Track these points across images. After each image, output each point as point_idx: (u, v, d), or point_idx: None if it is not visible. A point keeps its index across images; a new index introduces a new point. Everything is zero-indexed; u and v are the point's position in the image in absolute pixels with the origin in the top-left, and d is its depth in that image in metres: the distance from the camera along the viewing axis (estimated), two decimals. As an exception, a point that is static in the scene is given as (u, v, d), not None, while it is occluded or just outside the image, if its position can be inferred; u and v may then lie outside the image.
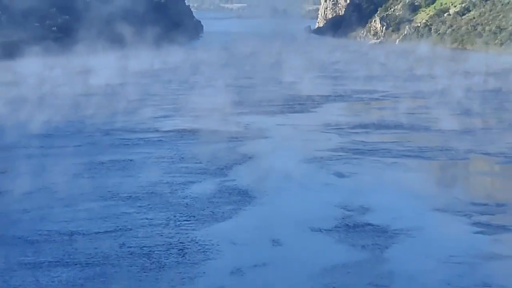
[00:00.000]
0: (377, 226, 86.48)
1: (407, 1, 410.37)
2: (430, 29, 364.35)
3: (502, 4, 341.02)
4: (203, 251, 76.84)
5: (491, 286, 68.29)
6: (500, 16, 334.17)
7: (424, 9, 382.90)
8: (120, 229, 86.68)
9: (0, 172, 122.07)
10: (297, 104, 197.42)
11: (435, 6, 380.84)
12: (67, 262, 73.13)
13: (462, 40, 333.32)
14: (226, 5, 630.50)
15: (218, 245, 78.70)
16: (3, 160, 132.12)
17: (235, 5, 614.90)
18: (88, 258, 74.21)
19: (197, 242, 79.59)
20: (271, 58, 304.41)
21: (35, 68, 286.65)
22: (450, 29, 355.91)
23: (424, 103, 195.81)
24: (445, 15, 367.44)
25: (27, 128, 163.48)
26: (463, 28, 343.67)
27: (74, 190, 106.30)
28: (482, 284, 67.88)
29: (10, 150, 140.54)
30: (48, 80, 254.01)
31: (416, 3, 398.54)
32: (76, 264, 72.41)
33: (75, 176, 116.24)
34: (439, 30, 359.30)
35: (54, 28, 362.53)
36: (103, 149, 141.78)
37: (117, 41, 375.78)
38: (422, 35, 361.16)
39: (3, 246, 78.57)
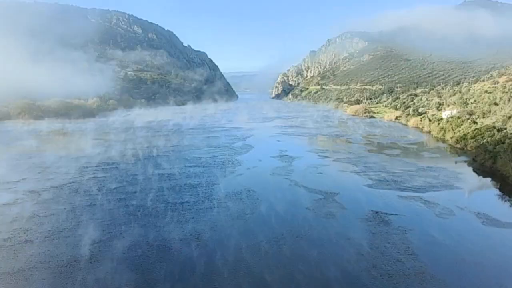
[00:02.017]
0: (290, 155, 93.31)
1: (299, 88, 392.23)
2: (306, 97, 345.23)
3: (328, 90, 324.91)
4: (238, 162, 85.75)
5: (322, 173, 76.67)
6: (326, 94, 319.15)
7: (305, 93, 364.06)
8: (212, 156, 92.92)
9: (180, 139, 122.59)
10: (266, 119, 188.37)
11: (308, 91, 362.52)
12: (195, 164, 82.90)
13: (315, 101, 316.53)
14: (245, 89, 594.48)
15: (242, 161, 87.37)
16: (179, 137, 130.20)
17: (247, 89, 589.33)
18: (202, 164, 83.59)
19: (236, 159, 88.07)
20: (259, 106, 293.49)
21: (192, 108, 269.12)
22: (311, 97, 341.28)
23: (303, 119, 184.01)
24: (311, 93, 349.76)
25: (185, 126, 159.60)
26: (316, 97, 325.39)
27: (199, 144, 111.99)
28: (318, 172, 76.08)
29: (179, 134, 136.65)
30: (192, 112, 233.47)
31: (302, 90, 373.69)
32: (198, 166, 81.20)
33: (200, 140, 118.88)
34: (308, 97, 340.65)
35: (182, 99, 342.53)
36: (208, 132, 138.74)
37: (213, 100, 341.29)
38: (303, 99, 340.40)
39: (176, 160, 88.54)
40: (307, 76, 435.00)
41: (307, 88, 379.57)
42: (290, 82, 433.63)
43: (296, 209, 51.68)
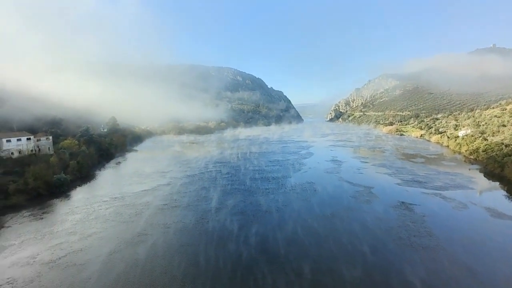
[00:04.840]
0: (339, 160, 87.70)
1: (347, 114, 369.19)
2: (351, 120, 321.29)
3: (369, 115, 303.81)
4: (303, 163, 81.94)
5: (362, 173, 71.13)
6: (367, 118, 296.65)
7: (351, 117, 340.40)
8: (286, 158, 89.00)
9: (266, 146, 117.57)
10: (322, 135, 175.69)
11: (353, 116, 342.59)
12: (275, 163, 80.00)
13: (359, 123, 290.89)
14: (308, 115, 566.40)
15: (305, 163, 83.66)
16: (265, 145, 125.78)
17: (310, 115, 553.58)
18: (279, 163, 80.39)
19: (302, 162, 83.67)
20: (318, 126, 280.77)
21: (274, 128, 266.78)
22: (355, 120, 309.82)
23: (350, 135, 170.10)
24: (355, 117, 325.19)
25: (269, 139, 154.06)
26: (359, 120, 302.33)
27: (277, 150, 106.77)
28: (359, 172, 70.62)
29: (265, 144, 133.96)
30: (274, 130, 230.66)
31: (349, 115, 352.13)
32: (277, 164, 78.67)
33: (278, 148, 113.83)
34: (353, 120, 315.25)
35: (262, 121, 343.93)
36: (284, 143, 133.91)
37: (288, 122, 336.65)
38: (349, 122, 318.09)
39: (263, 159, 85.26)
40: (353, 105, 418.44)
41: (353, 114, 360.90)
42: (341, 110, 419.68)
43: (342, 196, 50.46)
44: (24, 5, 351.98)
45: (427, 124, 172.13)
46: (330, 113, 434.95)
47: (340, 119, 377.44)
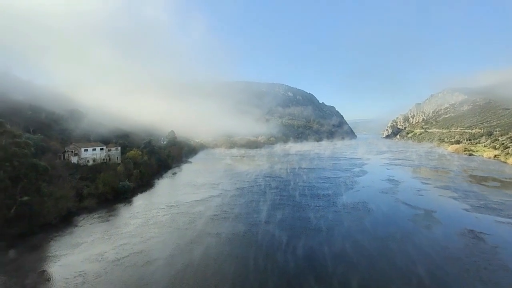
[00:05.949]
0: (396, 180, 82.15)
1: (406, 131, 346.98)
2: (411, 138, 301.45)
3: (431, 133, 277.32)
4: (356, 182, 77.30)
5: (423, 195, 64.94)
6: (429, 135, 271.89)
7: (410, 134, 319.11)
8: (337, 176, 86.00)
9: (317, 162, 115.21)
10: (378, 153, 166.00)
11: (413, 133, 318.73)
12: (325, 180, 76.78)
13: (419, 140, 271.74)
14: (362, 131, 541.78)
15: (359, 181, 79.00)
16: (316, 160, 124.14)
17: (364, 131, 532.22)
18: (329, 181, 76.79)
19: (355, 180, 79.51)
20: (374, 143, 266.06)
21: (326, 143, 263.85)
22: (415, 137, 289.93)
23: (409, 154, 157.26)
24: (416, 134, 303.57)
25: (320, 154, 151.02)
26: (420, 137, 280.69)
27: (329, 167, 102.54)
28: (419, 194, 64.76)
29: (316, 159, 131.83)
30: (325, 146, 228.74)
31: (408, 132, 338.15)
32: (327, 182, 75.34)
33: (329, 164, 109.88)
34: (413, 138, 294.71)
35: (316, 135, 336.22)
36: (336, 160, 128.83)
37: (341, 138, 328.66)
38: (408, 139, 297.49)
39: (313, 175, 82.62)
40: (412, 121, 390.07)
41: (413, 131, 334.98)
42: (398, 126, 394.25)
43: (398, 218, 46.85)
44: (119, 38, 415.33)
45: (503, 143, 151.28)
46: (387, 130, 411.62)
47: (398, 136, 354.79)
